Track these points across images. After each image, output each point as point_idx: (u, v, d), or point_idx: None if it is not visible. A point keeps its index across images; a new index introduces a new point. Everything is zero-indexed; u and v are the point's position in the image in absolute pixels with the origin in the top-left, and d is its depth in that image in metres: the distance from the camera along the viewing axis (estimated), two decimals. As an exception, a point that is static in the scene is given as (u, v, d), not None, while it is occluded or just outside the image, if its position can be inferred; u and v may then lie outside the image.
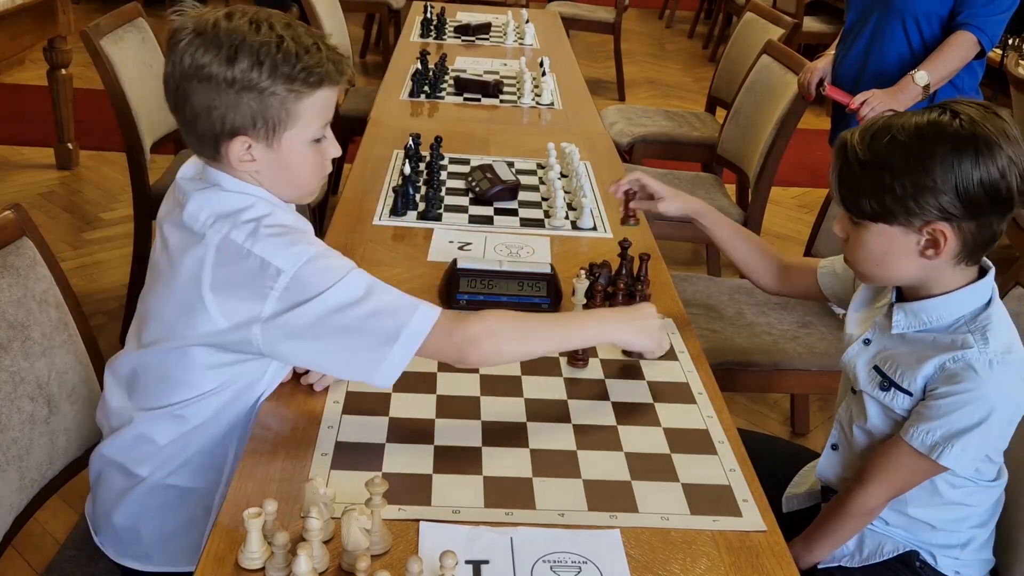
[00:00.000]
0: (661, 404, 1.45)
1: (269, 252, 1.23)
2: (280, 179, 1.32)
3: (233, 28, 1.23)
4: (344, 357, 1.25)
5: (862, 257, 1.35)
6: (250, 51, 1.22)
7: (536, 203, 2.18)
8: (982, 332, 1.29)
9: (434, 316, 1.26)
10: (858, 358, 1.42)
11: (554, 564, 1.11)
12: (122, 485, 1.39)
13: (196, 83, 1.24)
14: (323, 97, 1.29)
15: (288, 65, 1.24)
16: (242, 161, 1.28)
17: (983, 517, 1.42)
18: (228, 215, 1.26)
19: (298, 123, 1.28)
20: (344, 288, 1.23)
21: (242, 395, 1.35)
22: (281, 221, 1.28)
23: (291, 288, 1.22)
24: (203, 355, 1.30)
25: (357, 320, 1.23)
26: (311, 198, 1.41)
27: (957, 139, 1.24)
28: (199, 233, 1.27)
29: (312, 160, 1.33)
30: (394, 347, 1.23)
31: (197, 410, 1.34)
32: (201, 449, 1.36)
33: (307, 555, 0.99)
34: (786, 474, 1.63)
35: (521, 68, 3.15)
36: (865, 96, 2.66)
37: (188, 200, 1.29)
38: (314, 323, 1.22)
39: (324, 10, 3.73)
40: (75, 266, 3.41)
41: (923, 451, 1.30)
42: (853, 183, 1.31)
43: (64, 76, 4.11)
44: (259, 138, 1.27)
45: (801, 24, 5.45)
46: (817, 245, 2.47)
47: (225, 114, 1.24)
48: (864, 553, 1.45)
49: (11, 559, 2.10)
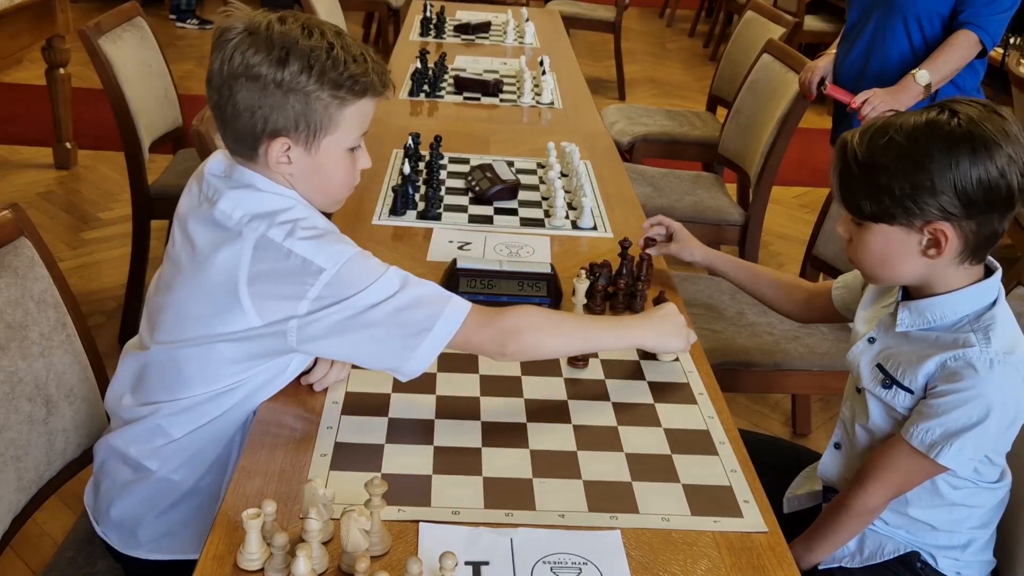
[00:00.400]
0: (661, 404, 1.44)
1: (310, 251, 1.25)
2: (313, 185, 1.34)
3: (286, 31, 1.26)
4: (377, 349, 1.28)
5: (865, 257, 1.35)
6: (301, 55, 1.25)
7: (536, 203, 2.17)
8: (985, 332, 1.29)
9: (467, 308, 1.30)
10: (862, 356, 1.42)
11: (554, 565, 1.11)
12: (127, 477, 1.39)
13: (244, 81, 1.25)
14: (365, 106, 1.32)
15: (336, 72, 1.26)
16: (279, 163, 1.30)
17: (984, 519, 1.41)
18: (265, 215, 1.28)
19: (339, 130, 1.30)
20: (382, 285, 1.26)
21: (257, 392, 1.36)
22: (317, 224, 1.30)
23: (332, 285, 1.24)
24: (228, 351, 1.30)
25: (392, 312, 1.26)
26: (337, 207, 1.43)
27: (953, 139, 1.23)
28: (234, 231, 1.27)
29: (347, 168, 1.36)
30: (428, 336, 1.26)
31: (214, 405, 1.34)
32: (211, 444, 1.37)
33: (306, 556, 0.99)
34: (787, 475, 1.62)
35: (521, 67, 3.15)
36: (866, 95, 2.65)
37: (221, 197, 1.30)
38: (351, 318, 1.25)
39: (324, 9, 3.72)
40: (73, 266, 3.40)
41: (922, 450, 1.30)
42: (853, 184, 1.31)
43: (62, 75, 4.10)
44: (299, 141, 1.29)
45: (802, 23, 5.45)
46: (818, 245, 2.47)
47: (269, 115, 1.26)
48: (865, 554, 1.44)
49: (9, 560, 2.09)
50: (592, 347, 1.50)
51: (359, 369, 1.45)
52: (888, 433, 1.39)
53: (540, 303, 1.67)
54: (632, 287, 1.73)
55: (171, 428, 1.35)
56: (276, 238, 1.26)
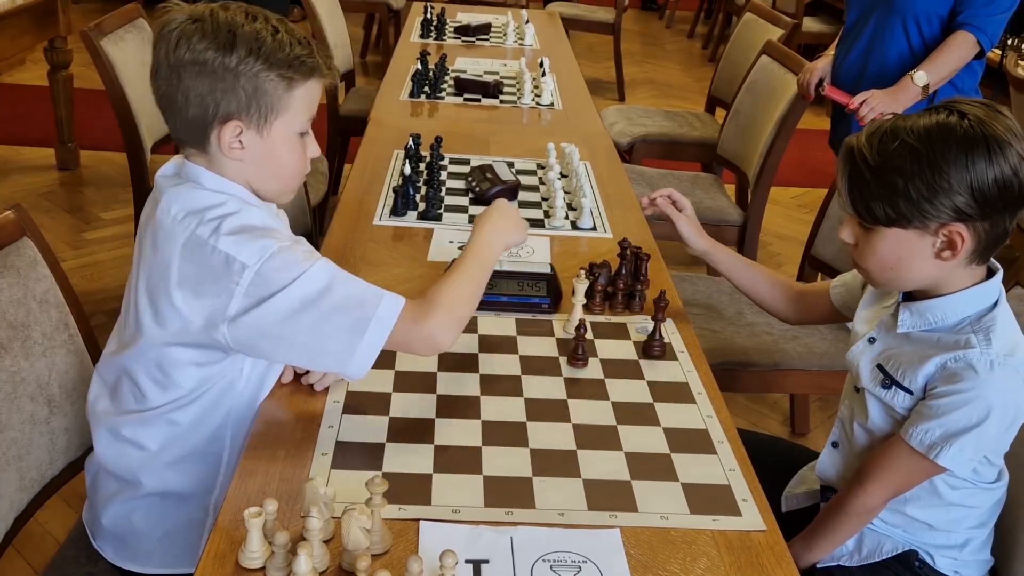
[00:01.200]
0: (661, 404, 1.45)
1: (234, 248, 1.24)
2: (267, 170, 1.33)
3: (229, 17, 1.27)
4: (314, 351, 1.26)
5: (874, 262, 1.34)
6: (247, 38, 1.26)
7: (536, 203, 2.18)
8: (986, 333, 1.29)
9: (400, 304, 1.27)
10: (862, 356, 1.43)
11: (554, 564, 1.11)
12: (116, 490, 1.39)
13: (192, 68, 1.25)
14: (313, 88, 1.33)
15: (283, 52, 1.27)
16: (231, 148, 1.29)
17: (982, 518, 1.42)
18: (197, 211, 1.27)
19: (288, 111, 1.31)
20: (308, 281, 1.24)
21: (226, 394, 1.35)
22: (248, 219, 1.28)
23: (256, 283, 1.23)
24: (181, 354, 1.30)
25: (324, 314, 1.24)
26: (290, 196, 1.41)
27: (968, 139, 1.24)
28: (169, 229, 1.28)
29: (298, 153, 1.35)
30: (364, 337, 1.24)
31: (185, 413, 1.34)
32: (193, 452, 1.36)
33: (307, 555, 0.99)
34: (786, 474, 1.63)
35: (521, 68, 3.15)
36: (864, 96, 2.66)
37: (163, 196, 1.31)
38: (281, 319, 1.23)
39: (324, 10, 3.73)
40: (75, 266, 3.41)
41: (921, 451, 1.30)
42: (864, 189, 1.30)
43: (64, 76, 4.11)
44: (251, 124, 1.29)
45: (801, 24, 5.45)
46: (816, 245, 2.48)
47: (220, 99, 1.26)
48: (863, 552, 1.45)
49: (11, 559, 2.10)
50: (483, 284, 1.41)
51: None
52: (887, 433, 1.39)
53: (540, 303, 1.67)
54: (631, 287, 1.73)
55: (146, 441, 1.35)
56: (203, 235, 1.25)
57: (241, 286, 1.23)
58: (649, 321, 1.61)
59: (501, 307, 1.66)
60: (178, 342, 1.29)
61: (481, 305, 1.64)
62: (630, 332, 1.65)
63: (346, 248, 1.88)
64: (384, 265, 1.83)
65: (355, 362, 1.25)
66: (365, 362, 1.26)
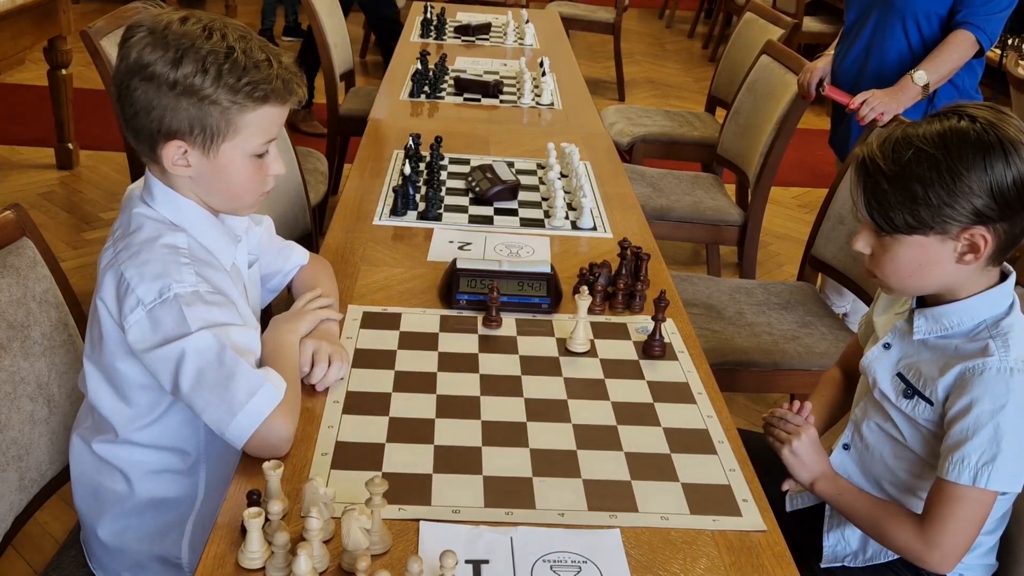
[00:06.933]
0: (661, 404, 1.45)
1: (136, 279, 1.23)
2: (215, 188, 1.32)
3: (184, 32, 1.23)
4: (195, 404, 1.24)
5: (893, 270, 1.33)
6: (196, 57, 1.22)
7: (536, 203, 2.18)
8: (1004, 339, 1.29)
9: (281, 391, 1.25)
10: (877, 363, 1.42)
11: (554, 564, 1.11)
12: (103, 508, 1.40)
13: (139, 80, 1.23)
14: (268, 114, 1.28)
15: (233, 76, 1.23)
16: (176, 165, 1.27)
17: (991, 525, 1.40)
18: (131, 232, 1.28)
19: (239, 135, 1.27)
20: (192, 344, 1.22)
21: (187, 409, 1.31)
22: (173, 243, 1.27)
23: (141, 325, 1.23)
24: (123, 366, 1.31)
25: (208, 382, 1.22)
26: (249, 210, 1.40)
27: (983, 143, 1.24)
28: (107, 247, 1.30)
29: (249, 174, 1.31)
30: (241, 412, 1.22)
31: (149, 434, 1.35)
32: (169, 468, 1.38)
33: (307, 555, 0.99)
34: (786, 474, 1.62)
35: (521, 68, 3.15)
36: (864, 96, 2.66)
37: (121, 211, 1.34)
38: (167, 368, 1.23)
39: (324, 10, 3.73)
40: (75, 266, 3.41)
41: (966, 483, 1.25)
42: (883, 198, 1.29)
43: (64, 76, 4.11)
44: (195, 145, 1.26)
45: (801, 24, 5.46)
46: (816, 245, 2.47)
47: (163, 116, 1.24)
48: (868, 553, 1.45)
49: (11, 559, 2.10)
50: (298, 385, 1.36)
51: (360, 368, 1.46)
52: (916, 440, 1.36)
53: (540, 303, 1.67)
54: (631, 287, 1.73)
55: (120, 463, 1.37)
56: (120, 259, 1.26)
57: (129, 320, 1.23)
58: (649, 321, 1.61)
59: (501, 307, 1.66)
60: (118, 354, 1.30)
61: (482, 305, 1.65)
62: (630, 332, 1.65)
63: (346, 248, 1.88)
64: (384, 265, 1.82)
65: (231, 432, 1.23)
66: (241, 438, 1.23)
